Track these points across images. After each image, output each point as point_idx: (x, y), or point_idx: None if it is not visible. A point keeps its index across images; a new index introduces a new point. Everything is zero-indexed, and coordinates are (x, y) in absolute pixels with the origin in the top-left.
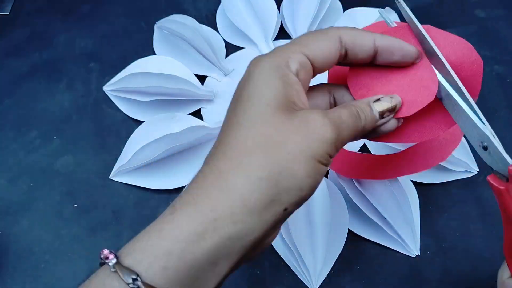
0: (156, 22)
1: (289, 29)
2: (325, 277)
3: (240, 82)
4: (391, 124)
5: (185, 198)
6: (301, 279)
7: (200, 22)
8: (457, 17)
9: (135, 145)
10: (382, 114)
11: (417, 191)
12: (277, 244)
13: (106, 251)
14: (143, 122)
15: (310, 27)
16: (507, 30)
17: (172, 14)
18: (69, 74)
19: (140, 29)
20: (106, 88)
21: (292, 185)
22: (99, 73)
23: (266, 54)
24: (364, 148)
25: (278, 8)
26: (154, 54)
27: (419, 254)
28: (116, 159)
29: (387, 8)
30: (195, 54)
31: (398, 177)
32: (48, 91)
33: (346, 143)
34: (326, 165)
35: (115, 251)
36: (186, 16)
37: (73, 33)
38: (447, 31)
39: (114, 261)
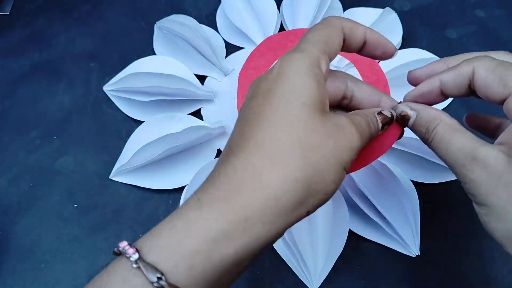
0: (156, 22)
1: (289, 29)
2: (325, 277)
3: (270, 76)
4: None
5: (213, 193)
6: (301, 279)
7: (200, 22)
8: (457, 17)
9: (135, 145)
10: (383, 125)
11: (417, 191)
12: (277, 244)
13: (125, 244)
14: (143, 122)
15: (310, 27)
16: (507, 30)
17: (172, 14)
18: (69, 74)
19: (140, 29)
20: (106, 88)
21: (320, 189)
22: (99, 73)
23: (297, 50)
24: None
25: (278, 8)
26: (154, 54)
27: (419, 254)
28: (116, 159)
29: (387, 8)
30: (195, 54)
31: (398, 177)
32: (48, 91)
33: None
34: (347, 171)
35: (134, 244)
36: (186, 16)
37: (73, 33)
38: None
39: (137, 256)
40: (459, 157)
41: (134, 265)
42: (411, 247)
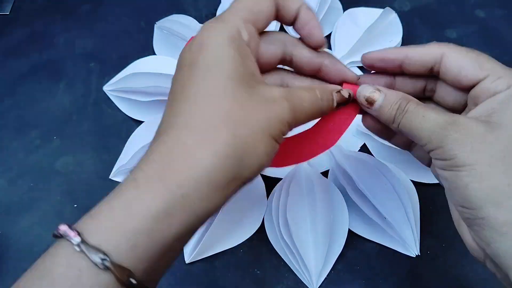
0: (156, 22)
1: (289, 29)
2: (325, 277)
3: (193, 47)
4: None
5: (148, 172)
6: (301, 279)
7: (200, 22)
8: (457, 17)
9: (135, 145)
10: (338, 104)
11: (417, 191)
12: (277, 244)
13: (64, 227)
14: (143, 122)
15: None
16: (507, 30)
17: (172, 14)
18: (69, 74)
19: (140, 29)
20: (106, 88)
21: (254, 162)
22: (99, 73)
23: (218, 20)
24: (364, 148)
25: None
26: (154, 54)
27: (419, 254)
28: (116, 159)
29: (387, 8)
30: None
31: (398, 177)
32: (48, 91)
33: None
34: (279, 143)
35: (74, 226)
36: (186, 16)
37: (73, 33)
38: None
39: (79, 239)
40: (438, 122)
41: (77, 249)
42: (411, 247)
